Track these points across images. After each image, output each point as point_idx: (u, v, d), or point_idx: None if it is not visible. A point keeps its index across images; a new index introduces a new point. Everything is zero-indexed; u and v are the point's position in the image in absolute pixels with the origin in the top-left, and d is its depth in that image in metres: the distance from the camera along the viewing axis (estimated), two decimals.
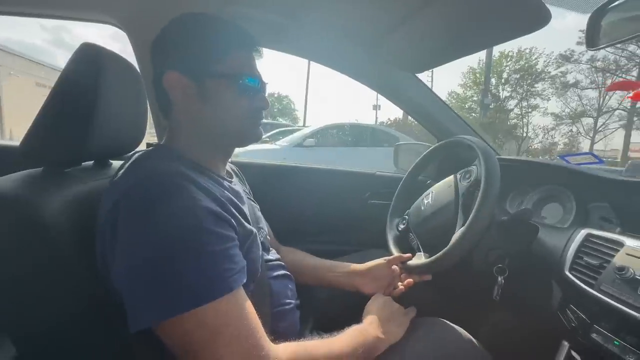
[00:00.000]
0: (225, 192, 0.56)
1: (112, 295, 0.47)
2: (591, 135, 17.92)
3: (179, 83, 0.55)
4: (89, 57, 0.56)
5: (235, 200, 0.56)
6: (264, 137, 7.02)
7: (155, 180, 0.46)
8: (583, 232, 0.68)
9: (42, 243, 0.46)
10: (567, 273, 0.64)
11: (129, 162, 0.54)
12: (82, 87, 0.54)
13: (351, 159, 5.62)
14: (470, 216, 0.67)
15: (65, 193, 0.52)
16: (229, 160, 0.70)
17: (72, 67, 0.55)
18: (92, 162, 0.68)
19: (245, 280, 0.47)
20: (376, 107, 23.65)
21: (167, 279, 0.41)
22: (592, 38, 0.56)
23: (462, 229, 0.67)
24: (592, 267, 0.61)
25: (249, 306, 0.46)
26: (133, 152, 0.63)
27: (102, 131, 0.57)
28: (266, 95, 0.64)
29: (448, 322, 0.69)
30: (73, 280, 0.49)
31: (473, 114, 16.20)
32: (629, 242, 0.59)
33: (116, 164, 0.71)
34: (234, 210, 0.52)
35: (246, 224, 0.55)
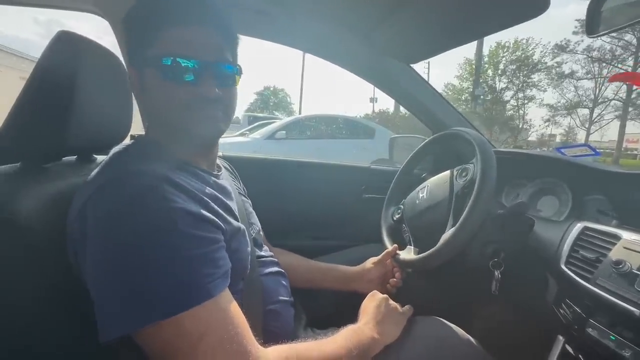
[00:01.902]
0: (208, 188, 0.53)
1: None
2: (587, 126, 18.01)
3: (131, 77, 0.53)
4: (67, 45, 0.52)
5: (221, 197, 0.54)
6: (243, 130, 6.85)
7: (124, 181, 0.43)
8: (579, 226, 0.67)
9: (15, 242, 0.44)
10: (563, 267, 0.63)
11: (105, 159, 0.52)
12: (60, 77, 0.51)
13: (323, 151, 5.47)
14: (461, 219, 0.66)
15: (43, 189, 0.50)
16: (215, 153, 0.66)
17: (48, 57, 0.51)
18: (74, 157, 0.65)
19: (228, 283, 0.45)
20: (373, 100, 23.60)
21: (139, 285, 0.39)
22: (591, 25, 0.54)
23: (452, 230, 0.67)
24: (589, 261, 0.60)
25: (234, 310, 0.44)
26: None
27: (82, 124, 0.54)
28: (223, 81, 0.52)
29: (445, 320, 0.68)
30: (49, 282, 0.47)
31: (469, 106, 16.17)
32: (626, 235, 0.58)
33: (101, 158, 0.69)
34: (218, 208, 0.50)
35: (233, 220, 0.53)
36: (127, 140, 0.67)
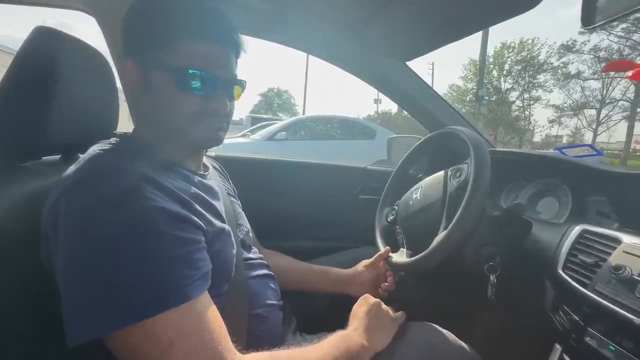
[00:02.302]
0: (193, 188, 0.52)
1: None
2: (594, 127, 17.80)
3: (131, 71, 0.51)
4: (44, 40, 0.51)
5: (205, 197, 0.53)
6: (245, 131, 6.87)
7: (101, 178, 0.41)
8: (578, 228, 0.64)
9: None
10: (560, 272, 0.60)
11: (83, 156, 0.50)
12: (38, 73, 0.50)
13: (322, 152, 5.49)
14: (453, 221, 0.64)
15: (19, 189, 0.48)
16: (205, 154, 0.65)
17: (25, 52, 0.50)
18: (58, 156, 0.64)
19: (208, 286, 0.44)
20: (377, 101, 23.61)
21: (111, 287, 0.37)
22: (587, 16, 0.52)
23: (444, 233, 0.65)
24: (587, 265, 0.57)
25: (212, 314, 0.42)
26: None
27: (63, 121, 0.53)
28: (232, 96, 0.55)
29: (438, 326, 0.66)
30: (22, 284, 0.45)
31: (474, 107, 16.07)
32: (627, 239, 0.55)
33: None
34: (200, 209, 0.49)
35: (216, 221, 0.52)
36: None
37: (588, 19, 0.52)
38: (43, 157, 0.59)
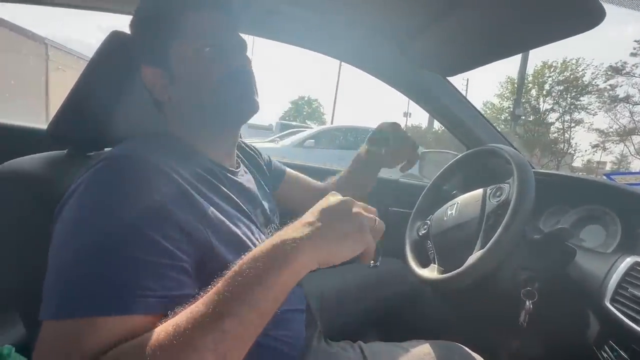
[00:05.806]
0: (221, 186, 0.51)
1: None
2: None
3: (152, 76, 0.53)
4: (117, 44, 0.57)
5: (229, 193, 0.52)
6: (274, 137, 7.02)
7: (109, 164, 0.41)
8: (629, 260, 0.60)
9: None
10: (608, 304, 0.57)
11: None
12: (109, 74, 0.56)
13: (346, 160, 5.56)
14: (491, 241, 0.62)
15: None
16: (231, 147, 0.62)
17: (101, 54, 0.56)
18: None
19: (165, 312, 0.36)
20: (407, 114, 23.36)
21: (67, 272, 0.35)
22: None
23: (480, 252, 0.63)
24: (639, 300, 0.53)
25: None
26: None
27: (125, 118, 0.58)
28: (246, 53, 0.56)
29: (467, 348, 0.64)
30: None
31: (509, 126, 15.44)
32: None
33: None
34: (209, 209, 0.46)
35: (229, 222, 0.48)
36: None
37: None
38: (105, 149, 0.65)
